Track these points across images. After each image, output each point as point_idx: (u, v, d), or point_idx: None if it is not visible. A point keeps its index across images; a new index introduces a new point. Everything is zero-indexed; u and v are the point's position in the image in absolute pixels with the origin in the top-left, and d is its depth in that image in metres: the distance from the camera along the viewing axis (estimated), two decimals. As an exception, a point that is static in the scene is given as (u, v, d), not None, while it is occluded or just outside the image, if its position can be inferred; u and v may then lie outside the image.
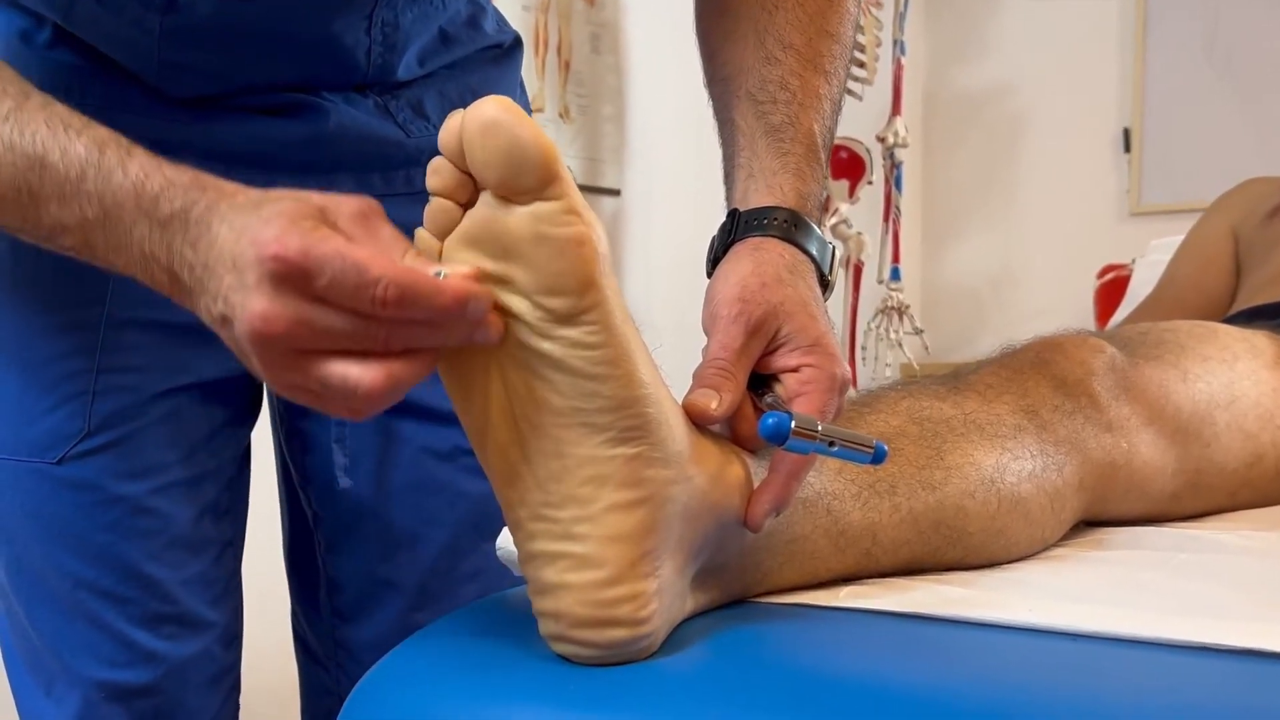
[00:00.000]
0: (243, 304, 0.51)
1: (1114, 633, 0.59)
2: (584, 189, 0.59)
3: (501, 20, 0.96)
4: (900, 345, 3.01)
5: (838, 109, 0.77)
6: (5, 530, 0.84)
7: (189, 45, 0.79)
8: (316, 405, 0.53)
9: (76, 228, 0.59)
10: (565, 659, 0.56)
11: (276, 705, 1.22)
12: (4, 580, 0.85)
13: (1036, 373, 0.86)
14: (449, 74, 0.91)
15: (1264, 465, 0.98)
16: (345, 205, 0.54)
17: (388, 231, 0.54)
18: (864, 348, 3.05)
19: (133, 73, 0.80)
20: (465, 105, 0.52)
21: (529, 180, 0.51)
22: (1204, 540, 0.83)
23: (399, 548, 0.91)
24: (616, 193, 2.57)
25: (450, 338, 0.52)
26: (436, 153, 0.54)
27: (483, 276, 0.53)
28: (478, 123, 0.51)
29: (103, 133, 0.60)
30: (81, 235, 0.60)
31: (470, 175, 0.53)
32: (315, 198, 0.54)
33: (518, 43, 0.97)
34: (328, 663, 0.96)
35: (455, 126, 0.52)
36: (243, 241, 0.52)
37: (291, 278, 0.49)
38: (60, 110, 0.62)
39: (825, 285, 0.71)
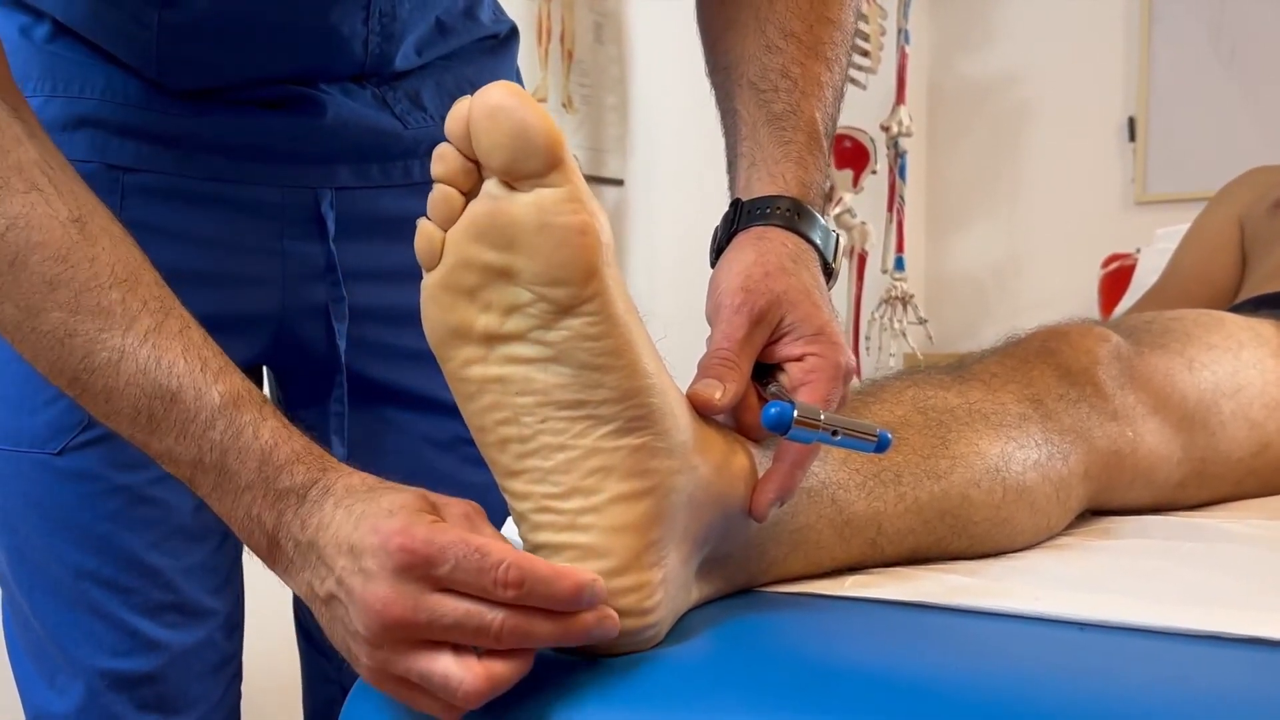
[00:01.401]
0: (362, 588, 0.52)
1: (1120, 621, 0.59)
2: (587, 179, 0.60)
3: (498, 9, 0.96)
4: (904, 335, 3.00)
5: (840, 96, 0.77)
6: (7, 521, 0.84)
7: (187, 39, 0.79)
8: (408, 700, 0.54)
9: (187, 464, 0.60)
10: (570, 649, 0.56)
11: (278, 694, 1.22)
12: (6, 571, 0.85)
13: (1041, 362, 0.85)
14: (445, 65, 0.91)
15: (1269, 454, 0.97)
16: (453, 506, 0.55)
17: (490, 531, 0.55)
18: (868, 338, 3.04)
19: (132, 66, 0.80)
20: (464, 96, 0.52)
21: (535, 164, 0.51)
22: (1210, 529, 0.83)
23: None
24: (620, 183, 2.56)
25: (568, 632, 0.52)
26: (434, 144, 0.54)
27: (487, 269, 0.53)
28: (486, 106, 0.51)
29: (238, 384, 0.60)
30: (189, 472, 0.60)
31: (475, 162, 0.53)
32: (428, 495, 0.55)
33: (514, 33, 0.97)
34: (329, 651, 0.95)
35: (463, 111, 0.52)
36: (362, 528, 0.53)
37: (416, 566, 0.51)
38: (197, 337, 0.61)
39: (829, 273, 0.70)
